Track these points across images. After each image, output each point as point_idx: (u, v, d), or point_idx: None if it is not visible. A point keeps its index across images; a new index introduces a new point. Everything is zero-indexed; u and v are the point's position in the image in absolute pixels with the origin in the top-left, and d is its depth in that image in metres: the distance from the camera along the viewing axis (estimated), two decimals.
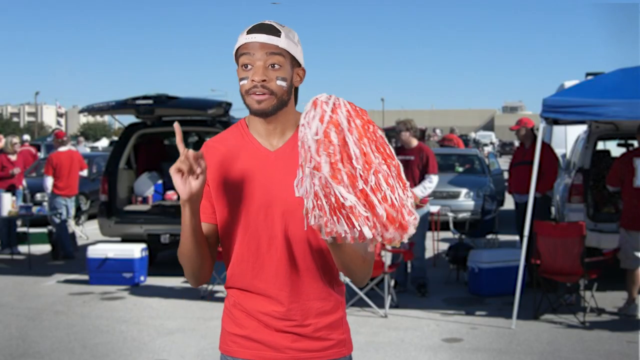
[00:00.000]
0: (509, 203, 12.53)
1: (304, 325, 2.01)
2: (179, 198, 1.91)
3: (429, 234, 8.80)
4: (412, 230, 1.67)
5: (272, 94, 1.95)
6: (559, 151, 9.80)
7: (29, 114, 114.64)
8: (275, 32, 1.96)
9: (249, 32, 1.97)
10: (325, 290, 2.04)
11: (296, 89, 2.08)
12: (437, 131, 20.35)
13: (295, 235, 1.97)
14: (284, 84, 1.96)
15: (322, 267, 2.01)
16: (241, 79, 1.98)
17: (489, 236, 10.18)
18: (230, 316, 2.08)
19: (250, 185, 1.99)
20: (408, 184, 1.72)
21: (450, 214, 10.51)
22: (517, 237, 8.95)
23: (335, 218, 1.63)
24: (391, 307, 6.99)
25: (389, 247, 7.76)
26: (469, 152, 15.79)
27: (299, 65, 2.03)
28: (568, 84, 11.35)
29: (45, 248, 10.77)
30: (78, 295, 7.84)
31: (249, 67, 1.96)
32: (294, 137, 2.01)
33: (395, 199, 1.65)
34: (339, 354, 2.06)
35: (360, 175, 1.62)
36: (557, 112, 6.41)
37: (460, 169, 13.92)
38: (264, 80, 1.94)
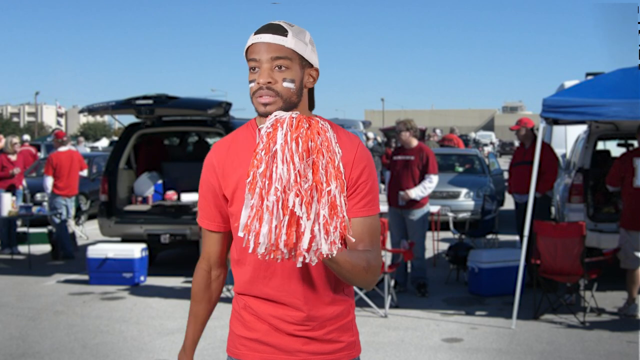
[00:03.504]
0: (509, 203, 12.53)
1: (316, 329, 2.00)
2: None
3: (429, 234, 8.80)
4: (303, 259, 1.64)
5: (278, 96, 1.91)
6: (559, 151, 9.80)
7: (29, 114, 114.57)
8: (282, 32, 1.91)
9: (256, 32, 1.94)
10: (337, 294, 2.02)
11: (311, 90, 2.04)
12: (437, 131, 20.37)
13: None
14: (291, 85, 1.92)
15: (332, 273, 1.98)
16: (250, 82, 1.95)
17: (489, 236, 10.18)
18: (240, 319, 2.07)
19: None
20: (342, 214, 1.69)
21: (450, 214, 10.52)
22: (517, 237, 8.95)
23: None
24: (391, 307, 6.99)
25: (388, 247, 7.77)
26: (469, 152, 15.80)
27: (311, 65, 1.98)
28: (568, 84, 11.35)
29: (45, 248, 10.77)
30: (78, 295, 7.84)
31: (257, 69, 1.93)
32: None
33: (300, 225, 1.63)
34: (349, 357, 2.05)
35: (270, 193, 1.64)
36: (557, 112, 6.41)
37: (460, 169, 13.93)
38: (269, 82, 1.90)
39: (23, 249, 10.39)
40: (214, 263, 2.18)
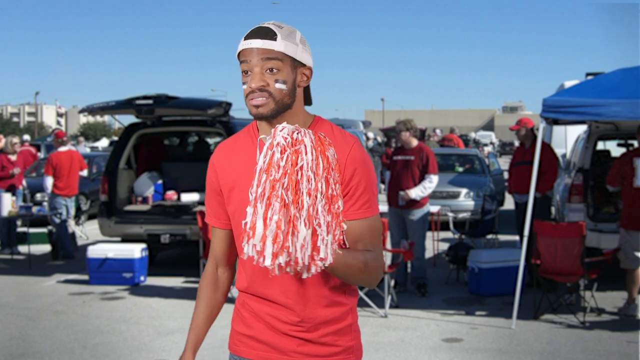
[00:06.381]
0: (509, 203, 12.53)
1: (311, 331, 2.00)
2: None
3: (429, 234, 8.80)
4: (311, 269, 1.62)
5: (270, 97, 1.93)
6: (559, 151, 9.80)
7: (29, 114, 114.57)
8: (271, 36, 1.92)
9: (246, 37, 1.96)
10: (334, 297, 2.01)
11: (307, 89, 2.06)
12: (437, 131, 20.37)
13: None
14: (283, 86, 1.94)
15: (329, 275, 1.95)
16: (243, 84, 1.98)
17: (489, 236, 10.18)
18: (239, 315, 2.11)
19: None
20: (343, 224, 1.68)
21: (450, 214, 10.52)
22: (517, 237, 8.95)
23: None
24: (391, 307, 6.99)
25: (388, 247, 7.77)
26: (469, 152, 15.79)
27: (304, 65, 1.99)
28: (568, 84, 11.34)
29: (45, 248, 10.77)
30: (78, 295, 7.84)
31: (249, 73, 1.96)
32: None
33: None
34: None
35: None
36: (557, 112, 6.41)
37: (460, 169, 13.93)
38: (261, 86, 1.93)
39: (23, 249, 10.39)
40: (220, 261, 2.20)
